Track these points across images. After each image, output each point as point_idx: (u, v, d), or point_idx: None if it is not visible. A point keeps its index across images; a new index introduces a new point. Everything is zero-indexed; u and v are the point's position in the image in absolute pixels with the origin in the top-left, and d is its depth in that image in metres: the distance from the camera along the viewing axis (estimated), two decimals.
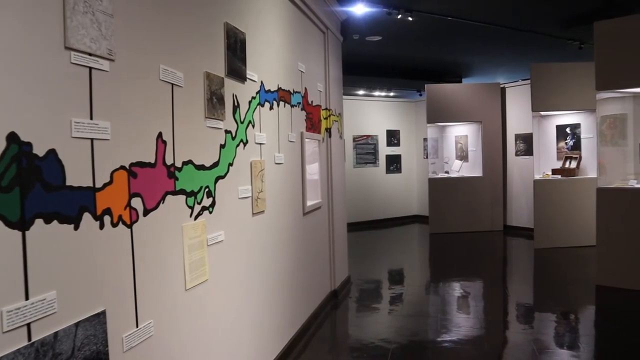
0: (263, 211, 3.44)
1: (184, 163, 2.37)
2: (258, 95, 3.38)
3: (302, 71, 4.47)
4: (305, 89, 4.59)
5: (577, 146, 8.29)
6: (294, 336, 4.07)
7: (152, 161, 2.10)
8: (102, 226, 1.78)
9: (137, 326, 1.97)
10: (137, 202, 1.99)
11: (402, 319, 4.89)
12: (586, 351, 4.05)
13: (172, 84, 2.27)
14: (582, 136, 8.23)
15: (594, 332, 4.60)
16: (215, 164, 2.71)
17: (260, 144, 3.41)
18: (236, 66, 2.98)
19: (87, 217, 1.70)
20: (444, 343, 4.24)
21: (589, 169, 7.98)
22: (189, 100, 2.43)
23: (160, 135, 2.16)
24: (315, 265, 4.88)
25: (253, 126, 3.27)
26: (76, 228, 1.65)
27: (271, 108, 3.65)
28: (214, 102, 2.66)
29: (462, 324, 4.71)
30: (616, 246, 5.62)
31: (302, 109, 4.46)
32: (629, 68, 5.52)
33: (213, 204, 2.68)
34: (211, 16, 2.71)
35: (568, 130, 8.42)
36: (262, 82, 3.45)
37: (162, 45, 2.19)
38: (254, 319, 3.27)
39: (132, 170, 1.96)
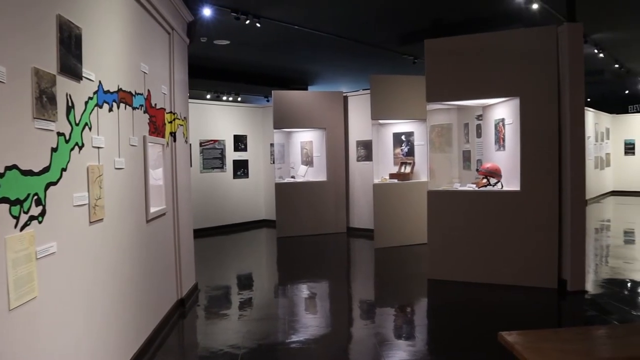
0: (102, 219, 3.22)
1: (7, 168, 2.13)
2: (96, 95, 3.16)
3: (145, 72, 4.28)
4: (149, 91, 4.40)
5: (411, 152, 9.01)
6: (138, 350, 3.85)
7: None
8: None
9: None
10: None
11: (252, 323, 4.90)
12: (420, 339, 4.43)
13: None
14: (415, 143, 8.94)
15: (426, 322, 5.04)
16: (46, 169, 2.47)
17: (99, 147, 3.19)
18: (70, 63, 2.75)
19: None
20: (292, 344, 4.33)
21: (421, 173, 8.71)
22: (13, 98, 2.18)
23: None
24: (160, 273, 4.69)
25: (90, 129, 3.05)
26: None
27: (111, 110, 3.43)
28: (44, 101, 2.43)
29: (310, 324, 4.85)
30: (444, 243, 6.21)
31: (144, 112, 4.26)
32: (453, 83, 6.14)
33: (43, 213, 2.44)
34: (41, 7, 2.47)
35: (403, 137, 9.11)
36: (100, 82, 3.23)
37: None
38: (93, 335, 3.04)
39: None
